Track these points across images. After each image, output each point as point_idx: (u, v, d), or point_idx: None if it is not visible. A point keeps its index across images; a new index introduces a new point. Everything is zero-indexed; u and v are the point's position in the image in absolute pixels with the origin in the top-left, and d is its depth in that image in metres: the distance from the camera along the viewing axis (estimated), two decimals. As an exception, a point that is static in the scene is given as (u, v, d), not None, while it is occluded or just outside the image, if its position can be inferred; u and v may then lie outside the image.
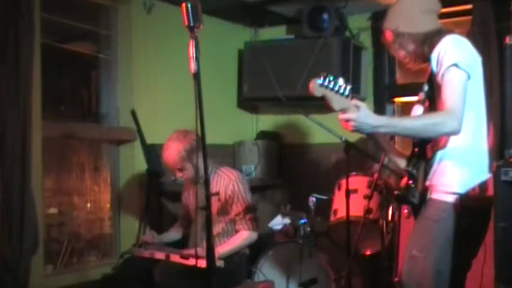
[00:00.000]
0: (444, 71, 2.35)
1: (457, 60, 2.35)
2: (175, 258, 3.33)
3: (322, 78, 2.17)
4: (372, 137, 2.63)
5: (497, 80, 3.93)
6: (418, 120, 2.41)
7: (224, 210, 3.59)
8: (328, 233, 3.96)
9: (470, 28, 4.07)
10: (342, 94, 2.19)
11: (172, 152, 3.48)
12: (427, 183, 2.48)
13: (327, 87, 2.18)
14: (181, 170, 3.52)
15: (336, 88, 2.18)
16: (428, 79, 2.53)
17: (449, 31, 2.52)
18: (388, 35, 2.57)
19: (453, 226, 2.40)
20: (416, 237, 2.51)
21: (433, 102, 2.49)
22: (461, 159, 2.43)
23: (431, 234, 2.44)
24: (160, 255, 3.41)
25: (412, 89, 4.62)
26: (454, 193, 2.42)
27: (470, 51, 2.46)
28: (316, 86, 2.17)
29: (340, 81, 2.19)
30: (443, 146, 2.46)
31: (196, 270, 2.87)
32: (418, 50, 2.52)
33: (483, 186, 2.45)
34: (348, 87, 2.20)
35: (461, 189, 2.42)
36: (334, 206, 3.91)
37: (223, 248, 3.50)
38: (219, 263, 3.26)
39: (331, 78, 2.18)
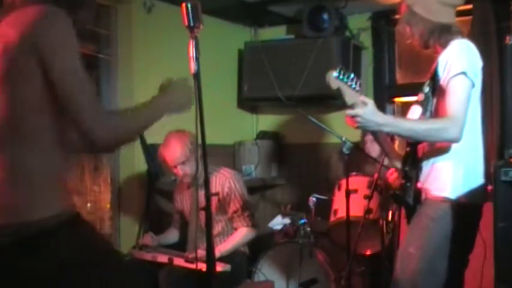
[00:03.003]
0: (451, 78, 2.37)
1: (466, 68, 2.36)
2: (179, 262, 3.29)
3: (338, 70, 2.23)
4: (375, 135, 2.66)
5: (497, 80, 3.93)
6: (421, 123, 2.42)
7: (222, 208, 3.60)
8: (328, 233, 3.96)
9: (470, 28, 4.07)
10: (354, 88, 2.25)
11: (178, 146, 3.48)
12: (420, 185, 2.49)
13: (341, 79, 2.23)
14: (184, 163, 3.49)
15: (349, 82, 2.24)
16: (430, 80, 2.53)
17: (460, 31, 2.53)
18: (403, 8, 2.58)
19: (451, 225, 2.41)
20: (413, 235, 2.51)
21: (432, 104, 2.49)
22: (454, 164, 2.44)
23: (428, 232, 2.44)
24: (163, 259, 3.39)
25: (412, 89, 4.63)
26: (446, 198, 2.43)
27: (476, 59, 2.47)
28: (332, 78, 2.24)
29: (352, 75, 2.25)
30: (437, 150, 2.47)
31: (202, 273, 2.86)
32: (424, 36, 2.52)
33: (477, 192, 2.45)
34: (359, 82, 2.26)
35: (453, 195, 2.43)
36: (334, 206, 3.90)
37: (224, 246, 3.51)
38: (227, 268, 3.26)
39: (345, 71, 2.24)
